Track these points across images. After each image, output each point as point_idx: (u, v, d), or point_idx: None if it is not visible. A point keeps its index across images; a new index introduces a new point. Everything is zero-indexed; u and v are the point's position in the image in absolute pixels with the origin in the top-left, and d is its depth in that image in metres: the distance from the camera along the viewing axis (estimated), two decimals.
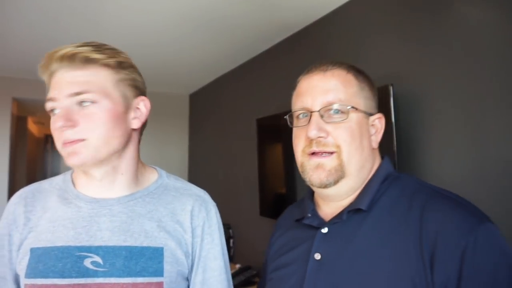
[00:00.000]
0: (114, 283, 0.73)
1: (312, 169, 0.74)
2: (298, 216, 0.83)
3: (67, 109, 0.72)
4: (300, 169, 0.77)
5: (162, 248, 0.77)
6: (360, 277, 0.66)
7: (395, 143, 1.40)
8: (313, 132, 0.72)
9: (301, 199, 0.89)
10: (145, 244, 0.76)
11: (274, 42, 2.46)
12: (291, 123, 0.81)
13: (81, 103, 0.73)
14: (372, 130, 0.77)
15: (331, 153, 0.72)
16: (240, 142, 2.92)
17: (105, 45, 0.78)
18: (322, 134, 0.72)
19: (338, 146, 0.72)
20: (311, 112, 0.74)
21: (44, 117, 5.11)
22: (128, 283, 0.73)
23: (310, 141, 0.73)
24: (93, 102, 0.73)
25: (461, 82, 1.28)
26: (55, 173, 4.05)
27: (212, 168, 3.48)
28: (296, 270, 0.75)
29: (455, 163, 1.30)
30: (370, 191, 0.74)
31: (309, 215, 0.79)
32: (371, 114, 0.77)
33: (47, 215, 0.79)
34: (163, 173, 0.90)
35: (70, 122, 0.71)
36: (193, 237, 0.82)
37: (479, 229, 0.61)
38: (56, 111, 0.74)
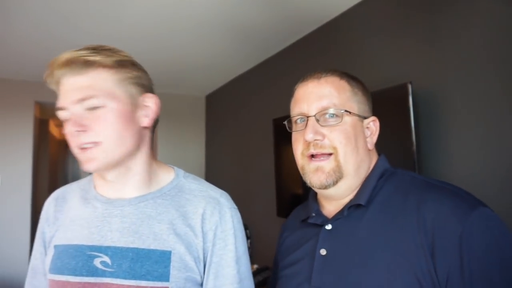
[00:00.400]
0: (119, 285, 0.73)
1: (312, 172, 0.78)
2: (304, 216, 0.88)
3: (76, 115, 0.73)
4: (301, 172, 0.82)
5: (170, 252, 0.75)
6: (363, 269, 0.69)
7: (414, 142, 1.37)
8: (309, 136, 0.76)
9: (306, 201, 0.93)
10: (152, 247, 0.75)
11: (290, 42, 2.46)
12: (290, 128, 0.85)
13: (88, 107, 0.73)
14: (367, 132, 0.82)
15: (329, 154, 0.77)
16: (257, 142, 2.92)
17: (102, 46, 0.78)
18: (318, 137, 0.76)
19: (334, 148, 0.76)
20: (308, 116, 0.78)
21: None
22: (132, 286, 0.72)
23: (307, 144, 0.78)
24: (99, 105, 0.73)
25: (479, 80, 1.25)
26: (75, 174, 4.14)
27: (229, 168, 3.49)
28: (304, 267, 0.79)
29: (475, 161, 1.27)
30: (368, 187, 0.78)
31: (313, 214, 0.84)
32: (365, 117, 0.81)
33: (70, 214, 0.82)
34: (180, 173, 0.88)
35: (82, 127, 0.72)
36: (204, 242, 0.78)
37: (473, 214, 0.63)
38: (67, 118, 0.75)
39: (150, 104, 0.82)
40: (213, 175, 3.89)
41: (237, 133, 3.34)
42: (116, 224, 0.77)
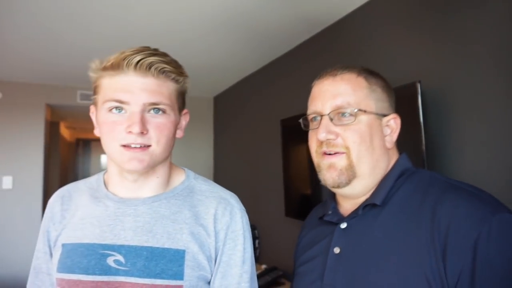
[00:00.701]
0: (134, 283, 0.73)
1: (326, 169, 0.78)
2: (321, 214, 0.88)
3: (142, 116, 0.74)
4: (317, 170, 0.81)
5: (184, 251, 0.76)
6: (374, 269, 0.68)
7: (423, 141, 1.36)
8: (322, 135, 0.76)
9: (325, 200, 0.93)
10: (166, 246, 0.76)
11: (298, 42, 2.45)
12: (306, 126, 0.85)
13: (154, 112, 0.76)
14: (387, 130, 0.79)
15: (342, 153, 0.76)
16: (265, 143, 2.92)
17: (167, 54, 0.81)
18: (330, 136, 0.76)
19: (347, 147, 0.75)
20: (322, 115, 0.78)
21: (75, 122, 5.30)
22: (147, 284, 0.73)
23: (320, 143, 0.78)
24: (164, 112, 0.77)
25: (488, 79, 1.24)
26: (85, 175, 4.19)
27: (237, 169, 3.50)
28: (318, 264, 0.79)
29: (484, 159, 1.25)
30: (384, 187, 0.76)
31: (330, 212, 0.84)
32: (384, 115, 0.79)
33: (78, 213, 0.82)
34: (191, 174, 0.90)
35: (145, 130, 0.74)
36: (216, 241, 0.80)
37: (493, 219, 0.59)
38: (122, 112, 0.75)
39: (185, 119, 0.89)
40: (221, 176, 3.90)
41: (245, 134, 3.35)
42: (129, 223, 0.78)
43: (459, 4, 1.36)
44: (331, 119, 0.76)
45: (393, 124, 0.80)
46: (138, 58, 0.74)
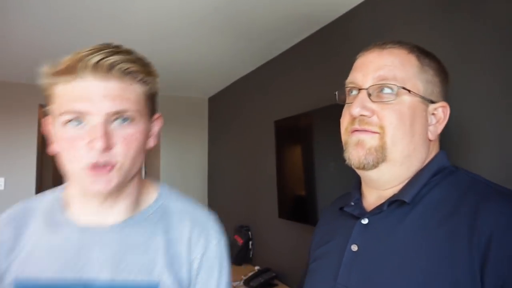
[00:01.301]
0: None
1: (352, 146, 0.69)
2: (342, 204, 0.79)
3: (106, 128, 0.62)
4: (344, 148, 0.72)
5: (157, 284, 0.68)
6: (394, 273, 0.61)
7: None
8: (356, 110, 0.67)
9: (350, 191, 0.86)
10: (138, 279, 0.67)
11: (293, 43, 2.46)
12: (341, 99, 0.75)
13: (120, 121, 0.64)
14: (432, 120, 0.69)
15: (375, 133, 0.67)
16: (259, 144, 2.93)
17: (132, 51, 0.68)
18: (365, 113, 0.66)
19: (382, 128, 0.66)
20: (360, 89, 0.69)
21: None
22: None
23: (353, 119, 0.69)
24: (132, 121, 0.65)
25: (494, 78, 1.24)
26: None
27: (232, 170, 3.50)
28: (332, 261, 0.73)
29: (494, 160, 1.25)
30: (417, 183, 0.67)
31: (352, 203, 0.76)
32: (432, 101, 0.69)
33: (32, 241, 0.69)
34: (164, 191, 0.80)
35: (110, 145, 0.62)
36: (190, 270, 0.72)
37: None
38: (82, 124, 0.63)
39: (158, 125, 0.75)
40: (215, 177, 3.90)
41: (239, 135, 3.35)
42: (96, 254, 0.67)
43: (459, 3, 1.37)
44: (370, 95, 0.67)
45: (440, 113, 0.70)
46: (97, 58, 0.61)
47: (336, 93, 0.75)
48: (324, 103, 1.95)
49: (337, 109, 0.78)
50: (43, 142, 3.53)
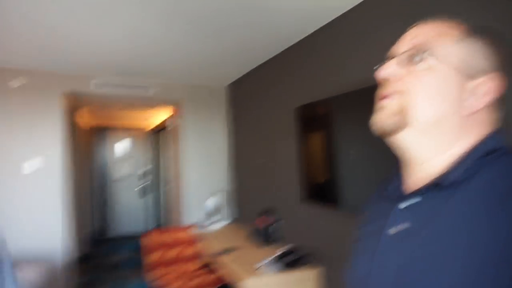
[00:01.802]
0: None
1: (376, 112, 0.67)
2: (384, 187, 0.77)
3: None
4: None
5: None
6: (430, 262, 0.56)
7: None
8: (381, 72, 0.65)
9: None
10: None
11: (312, 30, 2.42)
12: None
13: None
14: (470, 96, 0.62)
15: (396, 96, 0.64)
16: (280, 130, 2.94)
17: None
18: (389, 75, 0.65)
19: (404, 92, 0.63)
20: (393, 57, 0.67)
21: (91, 111, 5.38)
22: None
23: (381, 86, 0.67)
24: None
25: None
26: (102, 162, 4.25)
27: (252, 157, 3.52)
28: (371, 244, 0.70)
29: None
30: (461, 165, 0.60)
31: (392, 187, 0.74)
32: (472, 77, 0.62)
33: None
34: None
35: None
36: None
37: None
38: None
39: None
40: (237, 163, 3.94)
41: (260, 122, 3.36)
42: None
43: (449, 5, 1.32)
44: (400, 63, 0.65)
45: (484, 87, 0.62)
46: None
47: (376, 67, 0.71)
48: (345, 89, 1.93)
49: (358, 95, 0.75)
50: (68, 128, 3.62)
